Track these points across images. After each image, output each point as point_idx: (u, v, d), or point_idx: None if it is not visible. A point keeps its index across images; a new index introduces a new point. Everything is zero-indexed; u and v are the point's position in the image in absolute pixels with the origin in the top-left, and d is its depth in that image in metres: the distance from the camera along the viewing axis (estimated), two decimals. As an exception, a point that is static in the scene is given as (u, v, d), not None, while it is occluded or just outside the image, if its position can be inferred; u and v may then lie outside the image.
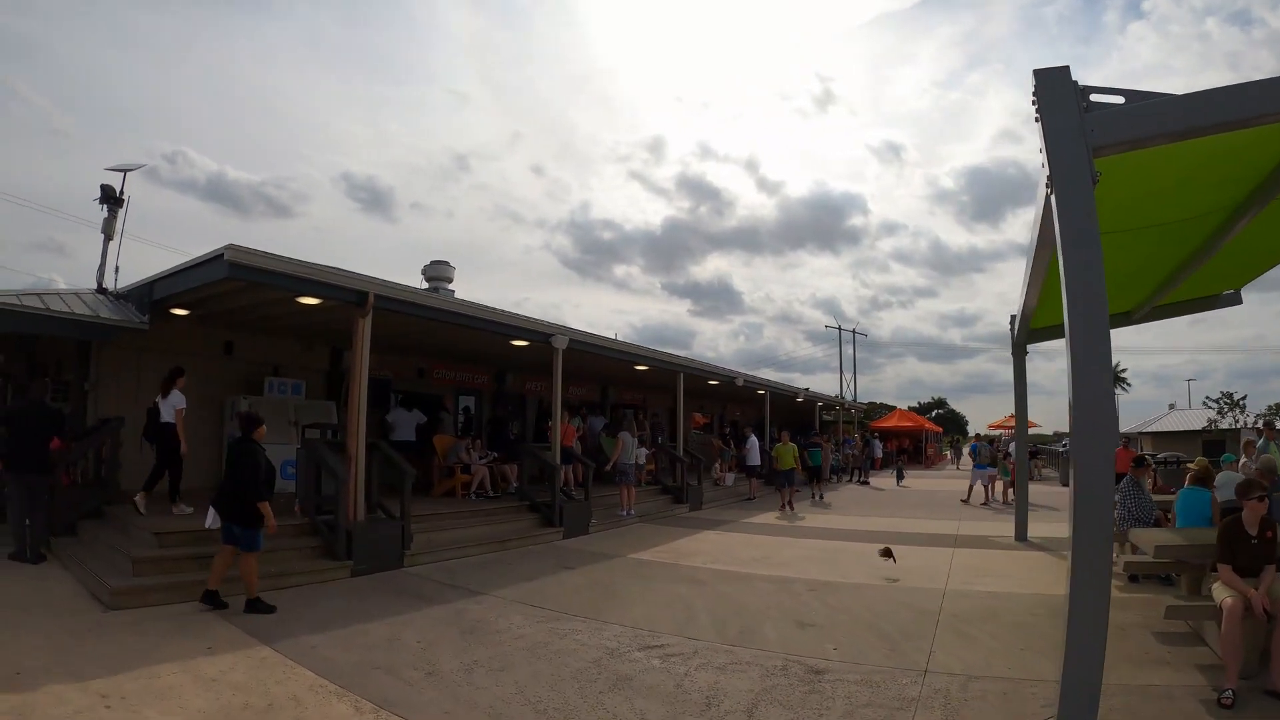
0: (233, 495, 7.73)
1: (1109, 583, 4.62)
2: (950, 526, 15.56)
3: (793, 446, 18.80)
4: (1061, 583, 9.59)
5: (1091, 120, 4.63)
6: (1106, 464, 4.58)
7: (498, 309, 12.83)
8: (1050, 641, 6.65)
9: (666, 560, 11.12)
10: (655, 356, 18.33)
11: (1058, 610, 8.10)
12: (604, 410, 23.96)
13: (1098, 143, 4.61)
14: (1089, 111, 4.65)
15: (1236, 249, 7.99)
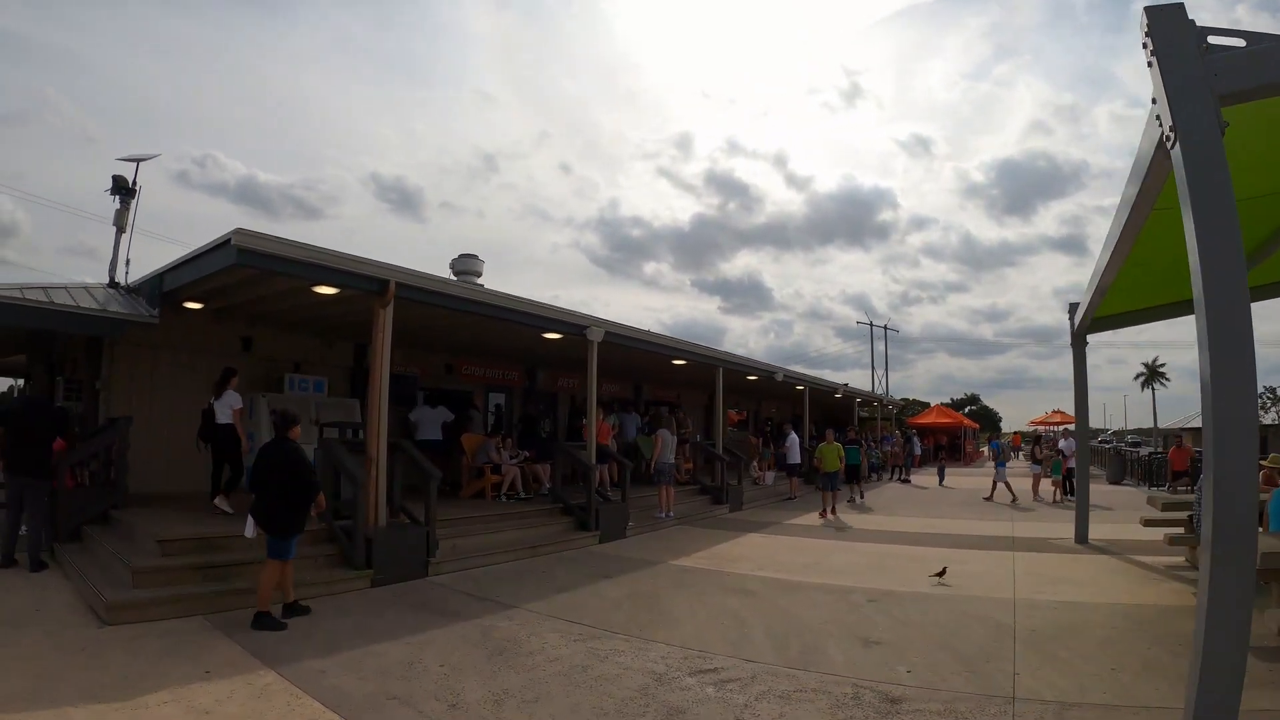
0: (265, 501, 7.24)
1: (1250, 601, 3.84)
2: (1004, 528, 14.66)
3: (837, 446, 17.44)
4: (1138, 591, 8.82)
5: (1213, 64, 4.03)
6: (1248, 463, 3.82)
7: (528, 299, 12.08)
8: (1143, 660, 6.07)
9: (711, 567, 10.33)
10: (694, 350, 17.50)
11: (1142, 623, 7.26)
12: (638, 407, 23.27)
13: (1223, 89, 4.00)
14: (1209, 54, 4.07)
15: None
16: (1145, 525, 11.13)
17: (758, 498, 19.92)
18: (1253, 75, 4.06)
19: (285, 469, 7.28)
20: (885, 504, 19.93)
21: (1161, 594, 8.79)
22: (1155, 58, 4.15)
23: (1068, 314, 12.89)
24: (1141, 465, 27.39)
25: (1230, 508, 3.73)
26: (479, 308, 11.22)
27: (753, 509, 18.19)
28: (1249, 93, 4.11)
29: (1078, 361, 12.95)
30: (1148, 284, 10.14)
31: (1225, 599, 3.73)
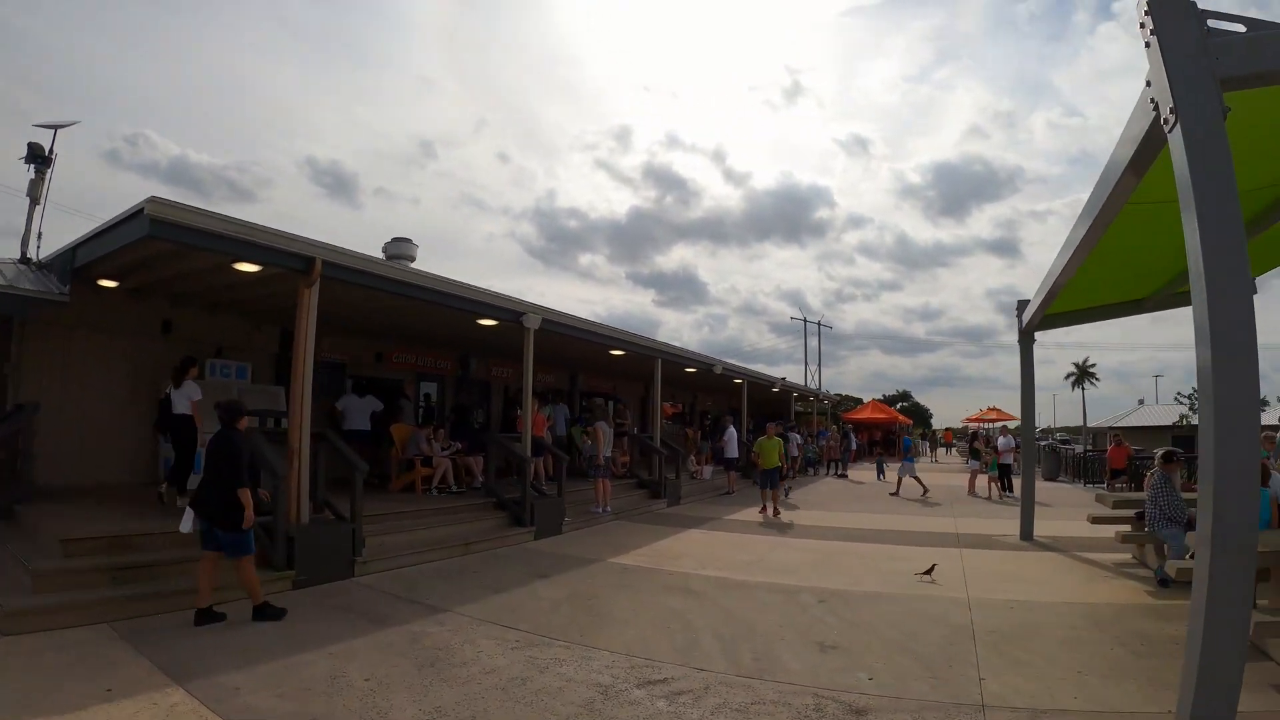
0: (216, 494, 6.87)
1: (1249, 609, 3.80)
2: (947, 524, 14.62)
3: (778, 441, 16.48)
4: (1091, 589, 8.56)
5: (1214, 47, 3.90)
6: (1250, 457, 3.67)
7: (463, 283, 11.53)
8: (1109, 662, 5.94)
9: (652, 565, 9.96)
10: (633, 341, 17.14)
11: (1101, 623, 7.06)
12: (573, 399, 22.83)
13: (1223, 73, 3.86)
14: (1209, 37, 3.94)
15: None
16: (1093, 522, 11.13)
17: (695, 492, 19.66)
18: (1253, 61, 3.91)
19: (235, 461, 6.93)
20: (824, 499, 19.80)
21: (1115, 591, 8.73)
22: (1155, 37, 3.97)
23: (1016, 312, 12.84)
24: (1077, 462, 27.78)
25: (1232, 503, 3.58)
26: (411, 290, 10.62)
27: (691, 504, 17.92)
28: (1247, 79, 3.94)
29: (1025, 358, 12.90)
30: (1104, 282, 10.14)
31: (1227, 597, 3.62)
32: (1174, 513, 9.01)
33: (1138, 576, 9.47)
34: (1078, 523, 13.66)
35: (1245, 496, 3.56)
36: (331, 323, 13.58)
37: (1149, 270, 9.80)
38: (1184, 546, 8.71)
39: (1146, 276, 10.18)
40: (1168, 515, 9.02)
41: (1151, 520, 9.20)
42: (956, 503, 18.89)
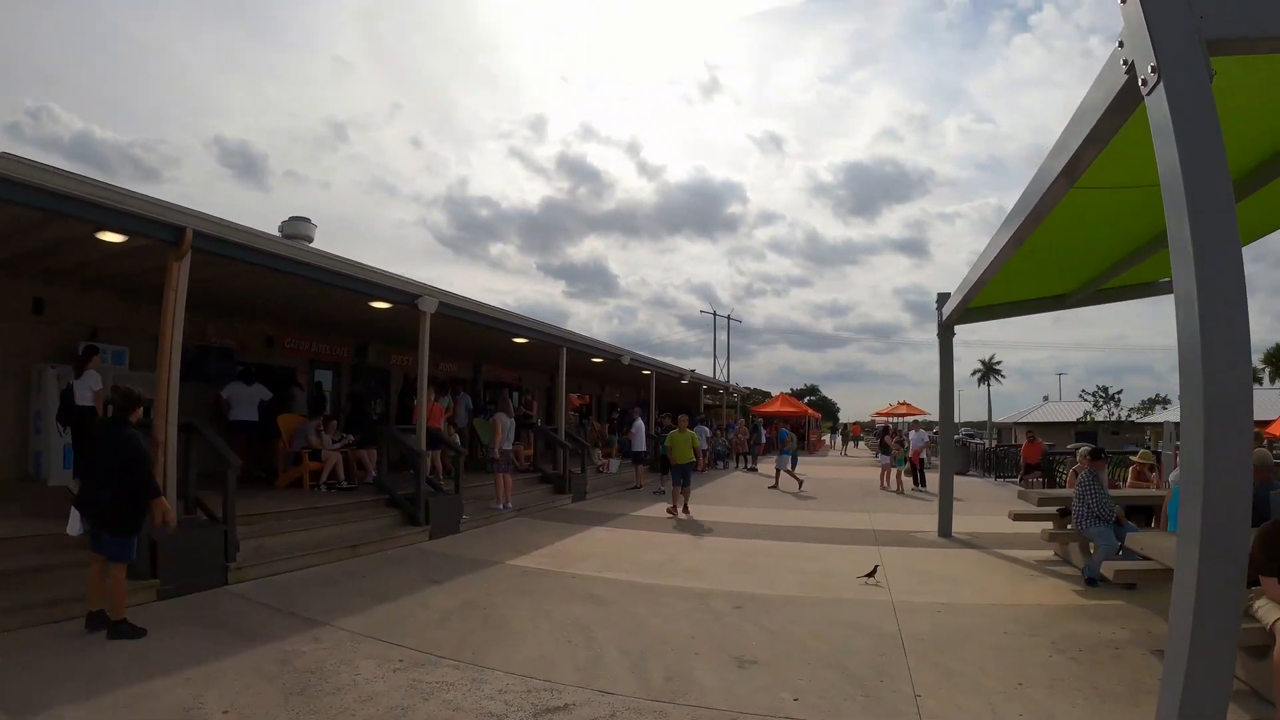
0: (107, 495, 6.18)
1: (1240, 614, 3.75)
2: (862, 520, 14.42)
3: (692, 435, 15.81)
4: (1018, 589, 8.15)
5: (1201, 4, 3.45)
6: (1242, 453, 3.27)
7: (355, 261, 10.75)
8: (1049, 672, 5.63)
9: (554, 568, 9.37)
10: (538, 328, 16.42)
11: (1033, 626, 6.70)
12: (476, 388, 22.09)
13: (1210, 34, 3.44)
14: None
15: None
16: (1015, 519, 11.08)
17: (602, 487, 19.12)
18: (1240, 24, 3.50)
19: (124, 456, 6.25)
20: (735, 495, 19.46)
21: (1042, 591, 8.55)
22: (1132, -16, 3.50)
23: (936, 305, 12.69)
24: (987, 457, 28.12)
25: (1226, 498, 3.24)
26: (295, 268, 9.72)
27: (597, 499, 17.39)
28: (1233, 44, 3.54)
29: (944, 352, 12.73)
30: (1029, 276, 10.05)
31: (1219, 602, 3.24)
32: (1102, 510, 8.89)
33: (1063, 575, 9.34)
34: (995, 518, 13.63)
35: (1239, 491, 3.24)
36: (218, 304, 12.65)
37: (1074, 266, 9.75)
38: (1113, 545, 8.59)
39: (1071, 272, 10.15)
40: (1095, 513, 8.89)
41: (1079, 518, 9.07)
42: (869, 497, 18.83)
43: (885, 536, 12.34)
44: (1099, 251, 9.06)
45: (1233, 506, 3.19)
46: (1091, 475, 9.19)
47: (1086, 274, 10.24)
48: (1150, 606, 7.52)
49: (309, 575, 8.59)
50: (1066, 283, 10.90)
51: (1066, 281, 10.83)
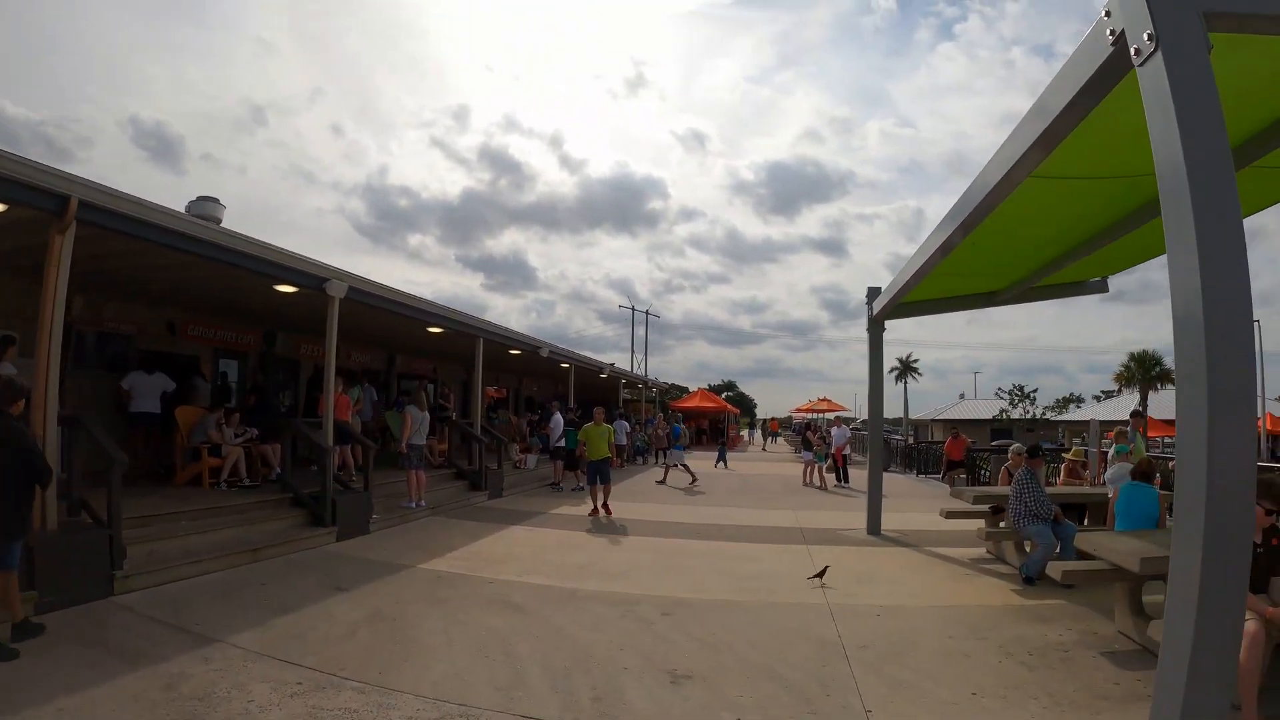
0: None
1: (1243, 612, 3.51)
2: (787, 517, 14.30)
3: (608, 429, 14.98)
4: (955, 589, 8.06)
5: None
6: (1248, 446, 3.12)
7: (259, 241, 10.04)
8: (1001, 678, 5.48)
9: (469, 572, 8.92)
10: (453, 317, 15.76)
11: (978, 629, 6.53)
12: (389, 380, 21.42)
13: (1208, 7, 3.27)
14: None
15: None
16: (947, 517, 11.09)
17: (519, 483, 18.67)
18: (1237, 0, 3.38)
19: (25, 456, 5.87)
20: (657, 492, 19.15)
21: (981, 592, 8.47)
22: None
23: (866, 300, 12.59)
24: (908, 453, 28.46)
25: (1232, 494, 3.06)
26: (193, 245, 8.94)
27: (514, 496, 16.92)
28: (1226, 19, 3.35)
29: (874, 346, 12.65)
30: (966, 271, 9.96)
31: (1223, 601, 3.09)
32: (1040, 509, 8.87)
33: (999, 574, 9.30)
34: (921, 515, 13.64)
35: (1244, 485, 3.07)
36: (115, 286, 11.85)
37: (1009, 263, 9.73)
38: (1052, 544, 8.59)
39: (1005, 269, 10.14)
40: (1033, 511, 8.87)
41: (1016, 516, 9.04)
42: (793, 494, 18.76)
43: (814, 534, 12.20)
44: (1035, 249, 9.04)
45: (1238, 502, 3.03)
46: (1029, 473, 9.12)
47: (1020, 272, 10.24)
48: (1092, 606, 7.49)
49: (204, 584, 7.97)
50: (999, 280, 10.90)
51: (999, 279, 10.83)
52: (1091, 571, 6.78)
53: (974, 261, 9.32)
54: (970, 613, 7.44)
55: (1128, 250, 8.83)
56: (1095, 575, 6.83)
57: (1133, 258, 9.63)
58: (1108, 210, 7.39)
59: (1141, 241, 8.14)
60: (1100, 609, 7.30)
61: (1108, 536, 7.00)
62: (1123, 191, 6.73)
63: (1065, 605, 7.65)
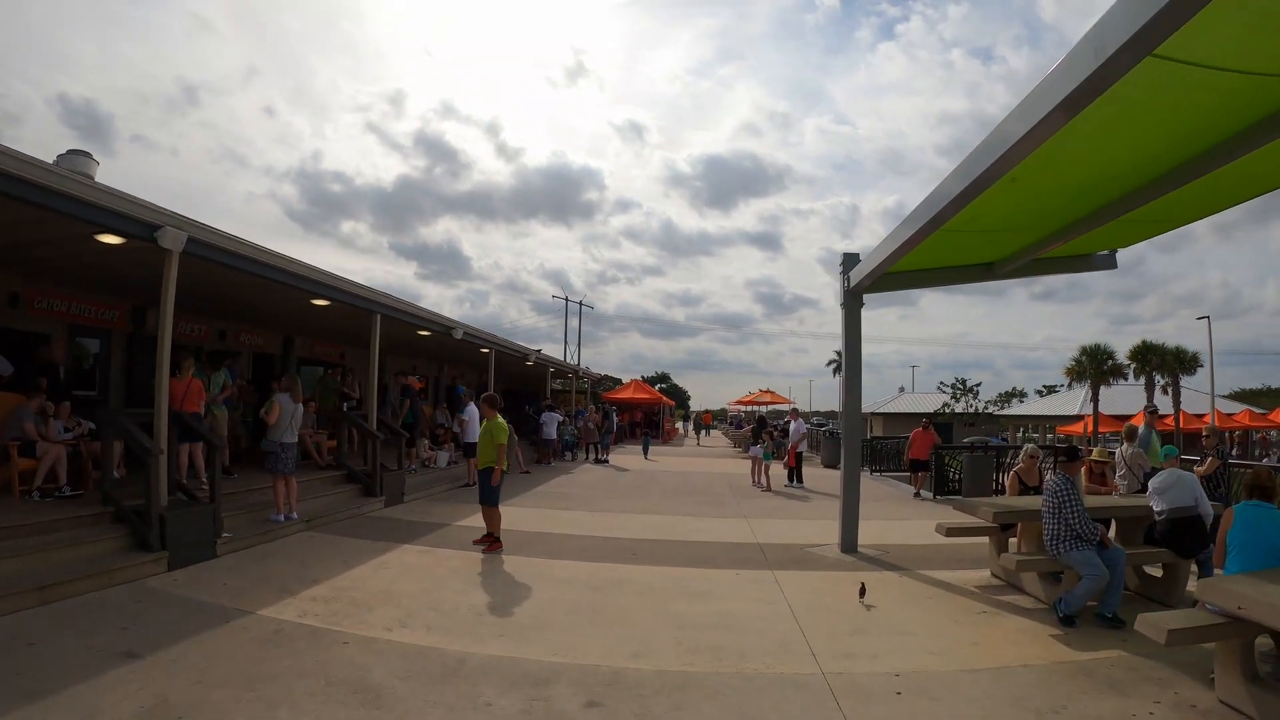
0: None
1: None
2: (740, 528, 12.17)
3: (505, 426, 10.51)
4: (984, 639, 6.48)
5: None
6: None
7: (58, 169, 7.45)
8: None
9: (327, 623, 6.51)
10: (340, 286, 12.74)
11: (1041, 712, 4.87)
12: (287, 366, 18.83)
13: None
14: None
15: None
16: (948, 535, 9.10)
17: (426, 485, 15.96)
18: None
19: None
20: (585, 495, 16.79)
21: (1016, 641, 6.49)
22: None
23: (841, 269, 10.54)
24: (864, 449, 26.35)
25: None
26: None
27: (417, 501, 14.37)
28: None
29: (851, 323, 10.58)
30: (964, 238, 8.40)
31: None
32: (1085, 529, 6.92)
33: (1022, 609, 7.42)
34: (894, 523, 12.05)
35: None
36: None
37: (1016, 228, 8.28)
38: (1103, 575, 6.73)
39: (1011, 234, 8.53)
40: (1077, 532, 6.92)
41: (1054, 538, 7.09)
42: (742, 498, 16.55)
43: (776, 552, 10.11)
44: (1043, 215, 7.74)
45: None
46: (1068, 482, 7.15)
47: (1026, 239, 8.67)
48: (1164, 659, 5.76)
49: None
50: (1001, 248, 9.21)
51: (1000, 247, 9.17)
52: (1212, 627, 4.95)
53: (977, 225, 7.78)
54: (1018, 679, 5.44)
55: (1148, 220, 7.75)
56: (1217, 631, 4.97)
57: (1149, 229, 8.43)
58: (1134, 174, 6.42)
59: (1164, 210, 7.26)
60: (1176, 663, 5.64)
61: (1250, 584, 4.92)
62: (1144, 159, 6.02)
63: (1130, 659, 5.85)
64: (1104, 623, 6.83)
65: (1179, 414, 38.48)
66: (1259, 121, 5.20)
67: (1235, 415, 42.49)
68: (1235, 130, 5.41)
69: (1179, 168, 6.08)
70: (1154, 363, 40.89)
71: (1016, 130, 4.97)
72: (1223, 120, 5.31)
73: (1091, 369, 42.10)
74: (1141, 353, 41.31)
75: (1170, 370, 40.93)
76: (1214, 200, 7.16)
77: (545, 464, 23.91)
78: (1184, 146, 5.79)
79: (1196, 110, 5.15)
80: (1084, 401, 44.52)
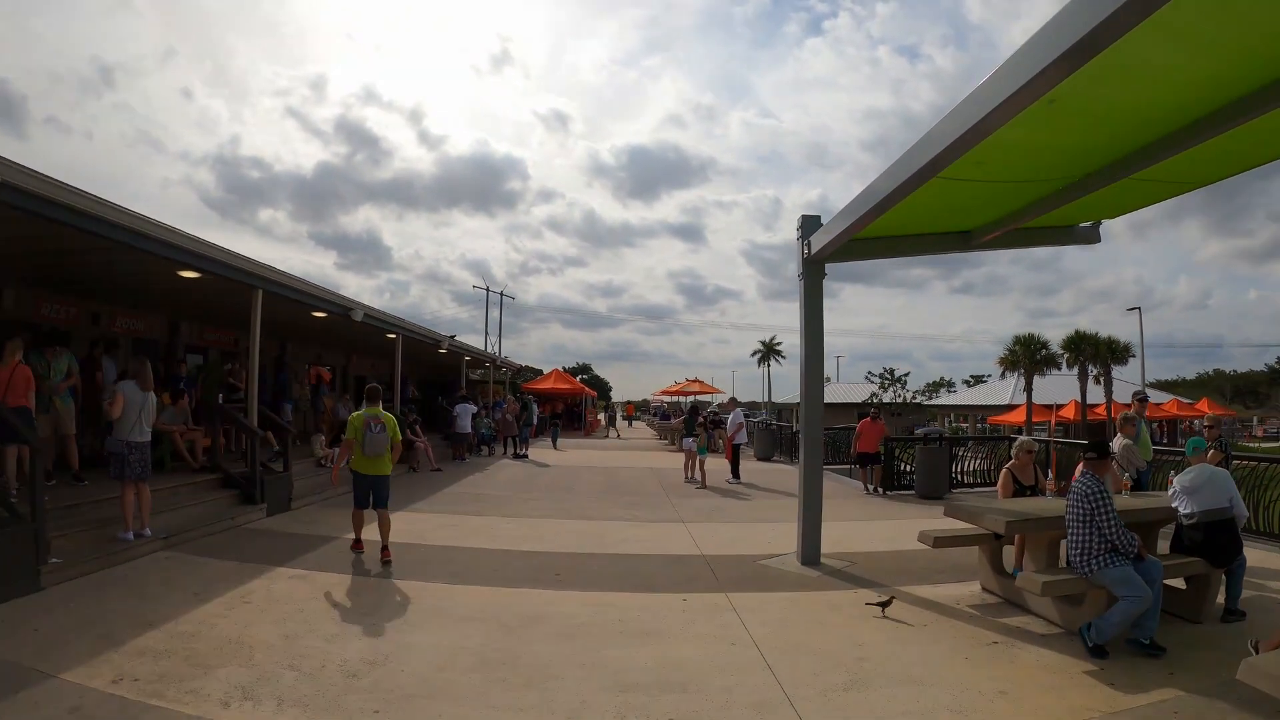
0: None
1: None
2: (679, 535, 10.75)
3: (384, 418, 9.04)
4: (1006, 681, 5.28)
5: None
6: None
7: None
8: None
9: (141, 694, 4.79)
10: (207, 255, 10.55)
11: None
12: (173, 352, 16.77)
13: None
14: None
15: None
16: (935, 545, 7.72)
17: (318, 489, 13.73)
18: None
19: None
20: (502, 495, 15.12)
21: (1047, 684, 5.26)
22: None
23: (799, 235, 9.04)
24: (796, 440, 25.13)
25: None
26: None
27: (306, 509, 12.45)
28: None
29: (811, 295, 9.13)
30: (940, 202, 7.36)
31: None
32: (1122, 540, 5.74)
33: (1036, 635, 6.29)
34: (853, 526, 11.07)
35: None
36: None
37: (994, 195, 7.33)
38: (1146, 596, 5.56)
39: (987, 202, 7.66)
40: (1112, 543, 5.73)
41: (1084, 553, 5.88)
42: (677, 497, 15.02)
43: (726, 567, 8.67)
44: (1028, 179, 6.87)
45: None
46: (1099, 484, 5.89)
47: (1004, 208, 7.76)
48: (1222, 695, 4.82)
49: None
50: (977, 216, 8.18)
51: (977, 215, 8.13)
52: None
53: (959, 188, 6.77)
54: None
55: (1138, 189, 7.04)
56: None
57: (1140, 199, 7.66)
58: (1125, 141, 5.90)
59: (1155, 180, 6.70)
60: (1241, 701, 4.64)
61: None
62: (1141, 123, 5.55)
63: (1188, 699, 4.82)
64: (1140, 650, 5.67)
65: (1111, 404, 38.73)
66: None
67: (1164, 404, 43.39)
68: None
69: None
70: (1087, 352, 40.96)
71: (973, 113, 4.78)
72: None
73: (1025, 359, 42.10)
74: (1075, 342, 41.53)
75: (1103, 360, 41.06)
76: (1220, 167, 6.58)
77: (459, 460, 22.20)
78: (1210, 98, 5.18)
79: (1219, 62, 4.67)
80: (1015, 391, 44.65)
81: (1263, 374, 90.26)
